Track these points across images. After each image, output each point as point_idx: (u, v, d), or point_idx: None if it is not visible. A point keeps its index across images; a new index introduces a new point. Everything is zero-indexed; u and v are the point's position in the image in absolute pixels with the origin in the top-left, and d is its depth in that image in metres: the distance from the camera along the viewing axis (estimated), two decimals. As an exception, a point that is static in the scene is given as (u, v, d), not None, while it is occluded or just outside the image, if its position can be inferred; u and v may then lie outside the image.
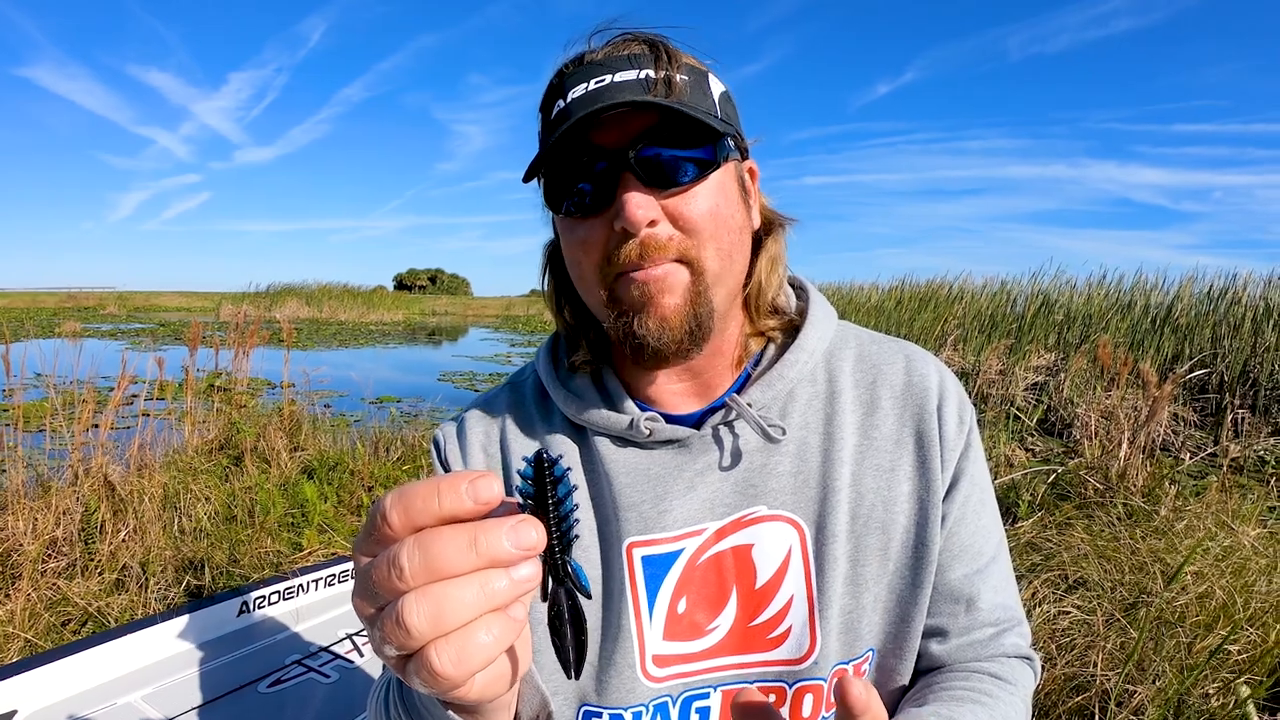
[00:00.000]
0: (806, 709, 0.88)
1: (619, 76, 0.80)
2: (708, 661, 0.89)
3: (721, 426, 0.91)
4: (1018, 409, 8.10)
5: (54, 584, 3.44)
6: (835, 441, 0.90)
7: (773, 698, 0.88)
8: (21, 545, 3.51)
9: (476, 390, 12.35)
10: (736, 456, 0.91)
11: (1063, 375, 8.99)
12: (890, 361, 0.96)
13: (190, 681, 2.33)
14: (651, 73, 0.81)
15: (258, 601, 2.74)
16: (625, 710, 0.88)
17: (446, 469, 0.99)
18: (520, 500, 0.48)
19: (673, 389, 0.94)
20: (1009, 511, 4.80)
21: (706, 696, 0.89)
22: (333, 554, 3.97)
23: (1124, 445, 5.20)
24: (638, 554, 0.90)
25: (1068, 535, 3.99)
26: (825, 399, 0.94)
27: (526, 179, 0.85)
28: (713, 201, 0.83)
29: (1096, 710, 2.70)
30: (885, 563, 0.90)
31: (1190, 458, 6.00)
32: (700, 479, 0.90)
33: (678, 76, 0.82)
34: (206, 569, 3.84)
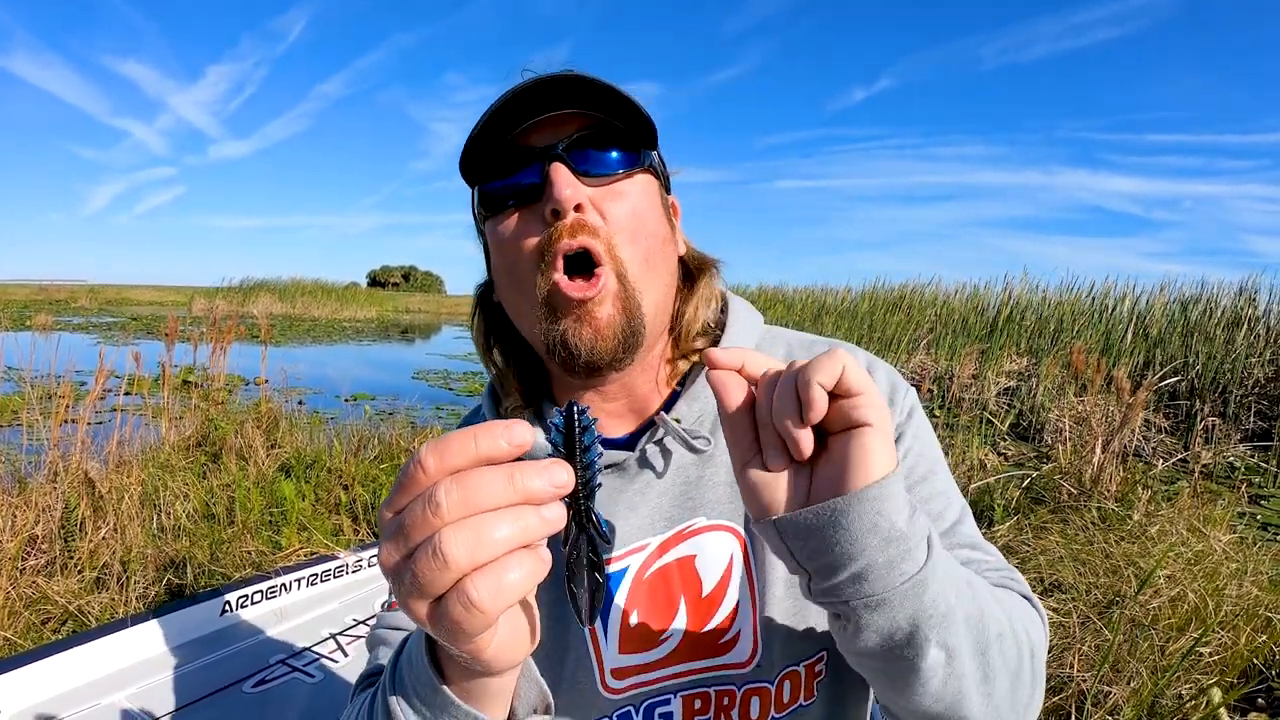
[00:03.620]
0: (754, 710, 0.90)
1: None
2: (664, 670, 0.91)
3: (653, 445, 0.94)
4: (990, 413, 8.19)
5: (33, 582, 3.40)
6: None
7: (726, 700, 0.91)
8: (0, 542, 3.47)
9: (451, 389, 12.41)
10: (672, 472, 0.94)
11: (1034, 380, 9.09)
12: None
13: (174, 681, 2.31)
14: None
15: (240, 601, 2.73)
16: None
17: None
18: (550, 450, 0.52)
19: (607, 408, 0.97)
20: (984, 515, 4.85)
21: (668, 702, 0.91)
22: (313, 553, 3.95)
23: (1097, 451, 5.27)
24: None
25: (1043, 539, 4.05)
26: None
27: (461, 168, 0.91)
28: (635, 202, 0.88)
29: (1073, 710, 2.75)
30: None
31: (1162, 463, 6.09)
32: (640, 498, 0.93)
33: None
34: (188, 567, 3.80)
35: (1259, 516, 5.43)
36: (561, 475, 0.49)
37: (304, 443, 6.14)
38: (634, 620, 0.91)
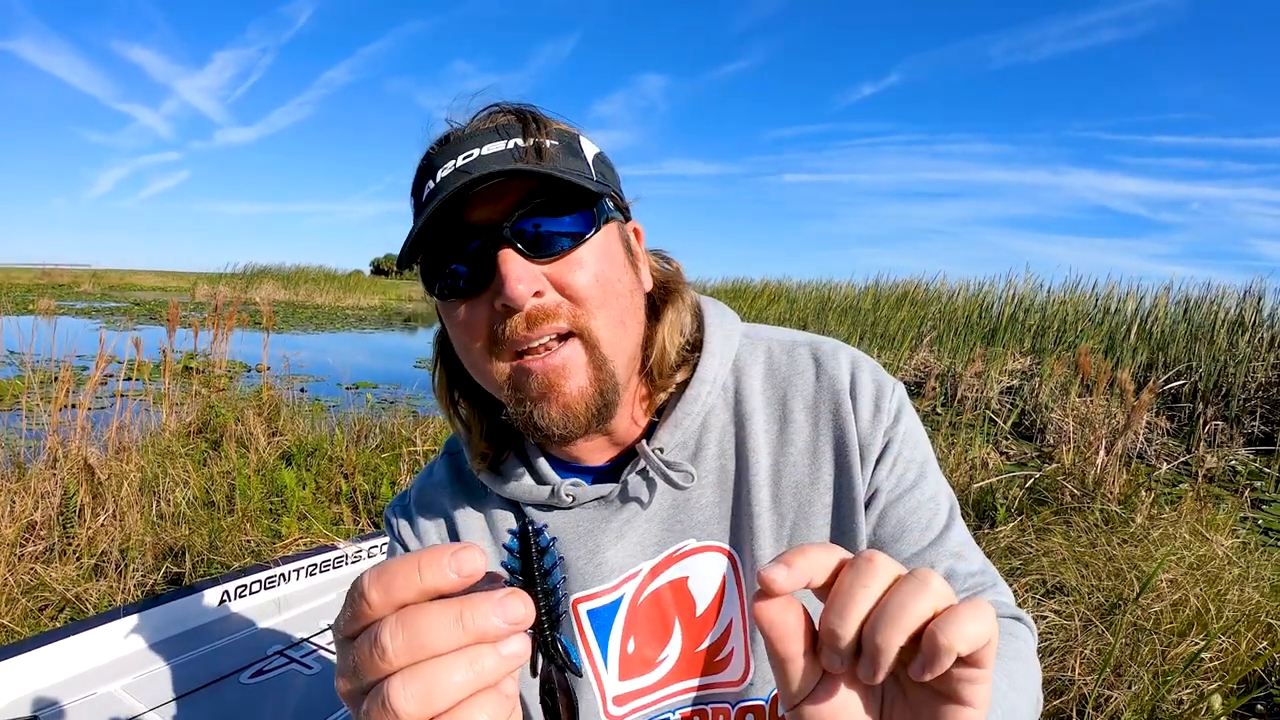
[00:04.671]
0: None
1: (487, 149, 0.78)
2: (662, 690, 0.91)
3: (636, 476, 0.91)
4: (992, 412, 8.18)
5: (31, 568, 3.39)
6: (750, 465, 0.90)
7: (721, 718, 0.91)
8: (-2, 528, 3.46)
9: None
10: (658, 498, 0.92)
11: (1037, 380, 9.08)
12: (801, 371, 0.94)
13: (171, 671, 2.31)
14: (520, 141, 0.79)
15: (239, 590, 2.72)
16: None
17: (405, 548, 1.00)
18: (507, 575, 0.47)
19: (586, 445, 0.93)
20: (986, 515, 4.85)
21: None
22: (312, 543, 3.94)
23: (1101, 452, 5.26)
24: (583, 609, 0.92)
25: (1046, 540, 4.03)
26: (737, 424, 0.93)
27: (400, 266, 0.82)
28: (598, 267, 0.81)
29: (1074, 714, 2.74)
30: None
31: (1165, 466, 6.08)
32: (628, 526, 0.91)
33: (548, 143, 0.80)
34: (187, 556, 3.80)
35: (1260, 521, 5.42)
36: (518, 610, 0.43)
37: (305, 430, 6.14)
38: (631, 647, 0.91)
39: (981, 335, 12.03)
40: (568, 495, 0.90)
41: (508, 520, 0.96)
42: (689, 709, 0.91)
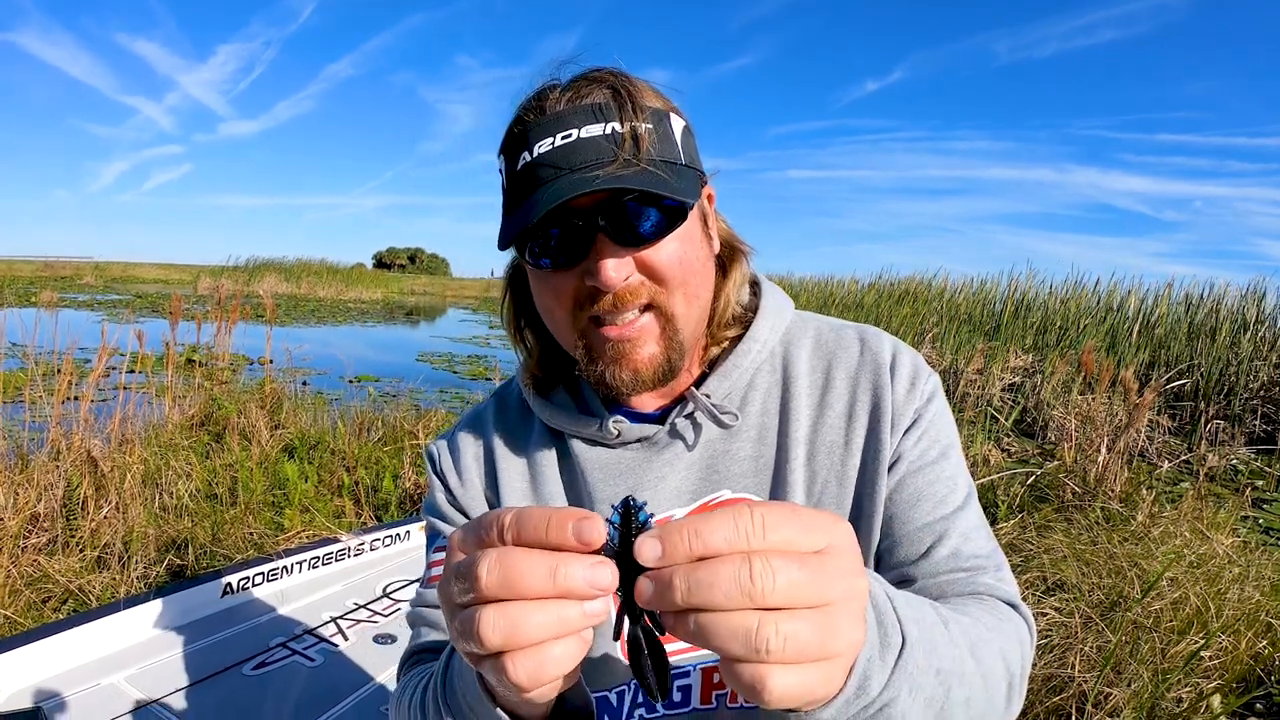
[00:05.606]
0: None
1: (585, 132, 0.81)
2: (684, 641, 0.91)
3: (683, 419, 0.95)
4: (994, 409, 8.18)
5: (34, 560, 3.40)
6: (790, 424, 0.94)
7: None
8: (1, 520, 3.47)
9: (455, 372, 12.42)
10: (700, 445, 0.95)
11: (1039, 377, 9.08)
12: (846, 346, 0.99)
13: (174, 663, 2.32)
14: (617, 125, 0.81)
15: (241, 583, 2.73)
16: (609, 691, 0.93)
17: (442, 480, 1.05)
18: (609, 543, 0.50)
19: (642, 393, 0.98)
20: (988, 512, 4.85)
21: (687, 674, 0.91)
22: (314, 536, 3.95)
23: (1102, 451, 5.25)
24: None
25: (1047, 538, 4.04)
26: (782, 385, 0.97)
27: (502, 247, 0.87)
28: (680, 250, 0.86)
29: (1074, 711, 2.74)
30: None
31: (1166, 464, 6.08)
32: (668, 469, 0.94)
33: (643, 127, 0.82)
34: (190, 548, 3.81)
35: (1261, 521, 5.42)
36: (605, 577, 0.47)
37: (308, 424, 6.15)
38: None
39: (983, 332, 12.03)
40: (614, 430, 0.94)
41: (549, 456, 1.00)
42: (710, 663, 0.91)
